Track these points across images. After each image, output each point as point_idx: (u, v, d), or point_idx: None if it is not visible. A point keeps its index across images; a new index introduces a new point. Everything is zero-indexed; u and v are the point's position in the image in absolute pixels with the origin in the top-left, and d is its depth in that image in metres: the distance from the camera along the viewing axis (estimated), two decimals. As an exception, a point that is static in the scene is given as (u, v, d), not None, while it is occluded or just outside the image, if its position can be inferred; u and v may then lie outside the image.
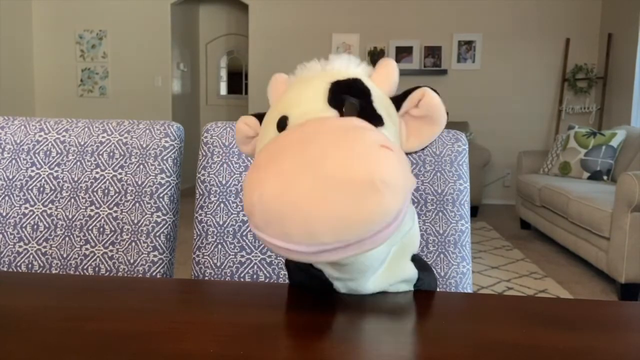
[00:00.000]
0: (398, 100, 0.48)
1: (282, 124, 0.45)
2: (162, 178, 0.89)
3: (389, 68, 0.48)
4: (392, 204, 0.36)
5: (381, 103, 0.46)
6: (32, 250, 0.89)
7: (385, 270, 0.51)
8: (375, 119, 0.44)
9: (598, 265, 2.76)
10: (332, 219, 0.35)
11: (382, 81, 0.48)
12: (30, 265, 0.89)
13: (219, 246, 0.84)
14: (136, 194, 0.89)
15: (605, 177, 3.57)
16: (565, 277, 2.91)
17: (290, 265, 0.54)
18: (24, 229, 0.90)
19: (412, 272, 0.53)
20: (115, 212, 0.89)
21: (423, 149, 0.47)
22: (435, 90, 0.46)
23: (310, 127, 0.40)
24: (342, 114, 0.44)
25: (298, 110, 0.44)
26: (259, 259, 0.83)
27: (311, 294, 0.52)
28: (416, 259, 0.54)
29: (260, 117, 0.51)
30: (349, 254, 0.38)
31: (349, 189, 0.35)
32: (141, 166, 0.89)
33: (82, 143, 0.92)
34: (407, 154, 0.48)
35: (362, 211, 0.36)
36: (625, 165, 3.48)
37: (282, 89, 0.50)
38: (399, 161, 0.38)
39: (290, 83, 0.49)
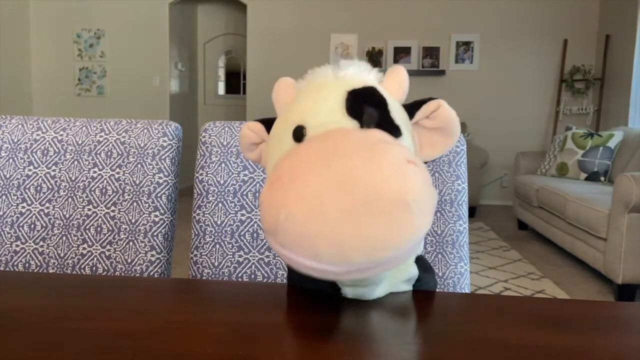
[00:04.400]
0: (408, 108, 0.48)
1: (298, 134, 0.44)
2: (160, 177, 0.89)
3: (400, 76, 0.48)
4: (423, 224, 0.36)
5: (397, 112, 0.45)
6: (29, 249, 0.89)
7: (391, 274, 0.51)
8: (394, 130, 0.44)
9: (595, 266, 2.76)
10: (365, 240, 0.35)
11: (394, 89, 0.48)
12: (27, 265, 0.89)
13: (217, 246, 0.84)
14: (134, 193, 0.88)
15: (602, 178, 3.58)
16: (562, 278, 2.91)
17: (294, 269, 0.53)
18: (21, 228, 0.89)
19: (413, 272, 0.53)
20: (113, 211, 0.88)
21: (435, 160, 0.47)
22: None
23: (333, 140, 0.39)
24: (361, 125, 0.43)
25: (316, 120, 0.43)
26: (256, 258, 0.83)
27: (309, 294, 0.52)
28: (419, 260, 0.54)
29: (265, 122, 0.50)
30: (377, 272, 0.38)
31: (381, 210, 0.35)
32: (139, 165, 0.89)
33: (80, 142, 0.91)
34: None
35: (395, 232, 0.35)
36: (623, 166, 3.48)
37: (290, 93, 0.49)
38: (424, 177, 0.38)
39: (300, 88, 0.48)
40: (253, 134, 0.51)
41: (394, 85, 0.48)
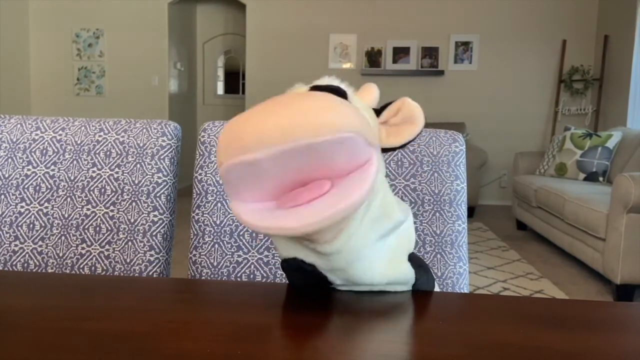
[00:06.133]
0: (377, 112, 0.51)
1: None
2: (159, 177, 0.89)
3: (371, 87, 0.54)
4: (341, 120, 0.40)
5: (359, 104, 0.49)
6: (27, 249, 0.89)
7: (383, 264, 0.51)
8: None
9: (594, 266, 2.77)
10: (281, 120, 0.40)
11: (364, 96, 0.52)
12: (26, 265, 0.89)
13: (216, 246, 0.84)
14: (133, 193, 0.88)
15: (601, 179, 3.58)
16: (561, 278, 2.91)
17: (284, 265, 0.53)
18: (19, 228, 0.89)
19: (409, 272, 0.53)
20: (112, 211, 0.88)
21: (402, 147, 0.50)
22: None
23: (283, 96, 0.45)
24: None
25: None
26: (255, 258, 0.83)
27: (308, 293, 0.52)
28: (413, 258, 0.54)
29: None
30: (297, 154, 0.41)
31: (300, 104, 0.41)
32: (138, 165, 0.89)
33: (79, 142, 0.91)
34: (388, 150, 0.51)
35: (310, 116, 0.40)
36: (621, 167, 3.49)
37: None
38: (355, 111, 0.42)
39: None
40: None
41: (365, 94, 0.53)
